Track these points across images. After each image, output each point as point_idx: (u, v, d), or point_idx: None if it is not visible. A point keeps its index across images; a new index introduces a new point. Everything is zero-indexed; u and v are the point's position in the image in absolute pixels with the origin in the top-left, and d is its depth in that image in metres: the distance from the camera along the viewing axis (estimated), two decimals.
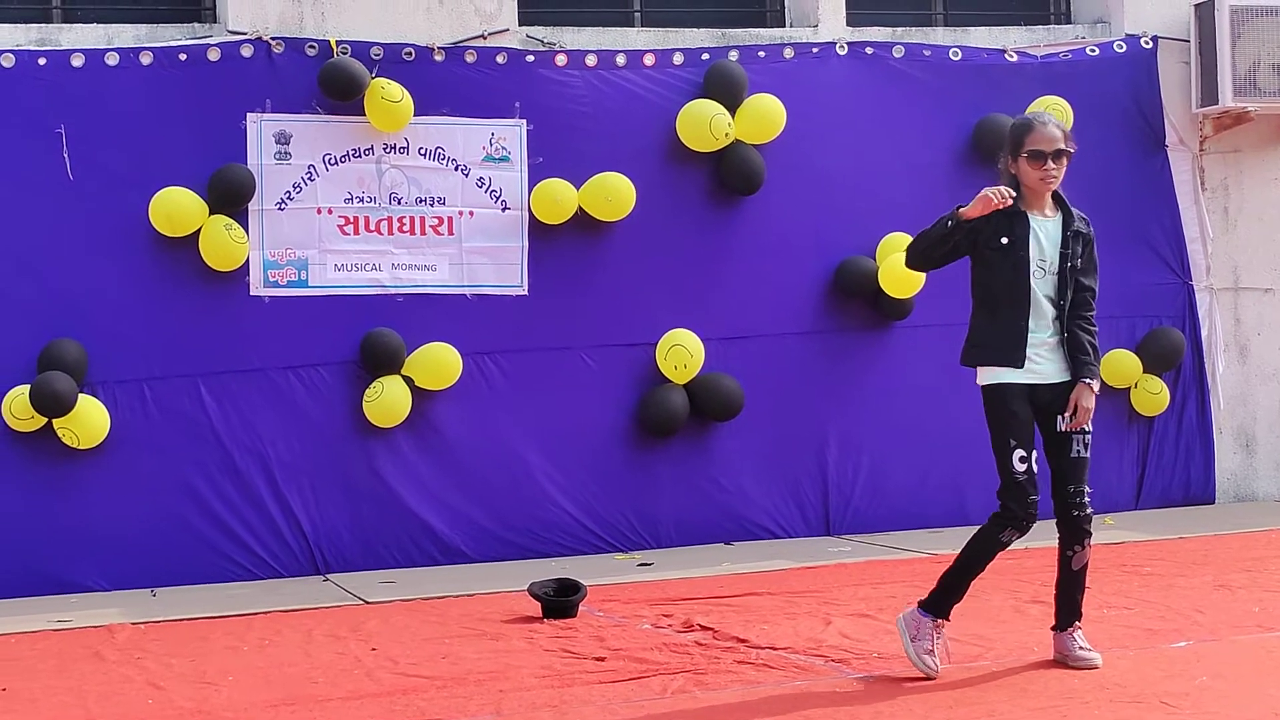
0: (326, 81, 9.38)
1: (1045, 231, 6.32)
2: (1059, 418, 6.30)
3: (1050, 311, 6.29)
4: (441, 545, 9.69)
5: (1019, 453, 6.20)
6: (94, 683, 6.79)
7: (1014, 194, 6.24)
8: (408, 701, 6.24)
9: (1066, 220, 6.38)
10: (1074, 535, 6.34)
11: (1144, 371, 10.83)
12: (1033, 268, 6.27)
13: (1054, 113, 10.36)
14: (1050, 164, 6.28)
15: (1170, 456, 11.01)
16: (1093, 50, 10.95)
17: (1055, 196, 6.41)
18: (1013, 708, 5.77)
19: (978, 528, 6.37)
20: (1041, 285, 6.29)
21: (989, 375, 6.30)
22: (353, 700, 6.29)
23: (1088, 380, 6.25)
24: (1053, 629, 6.44)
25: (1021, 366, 6.26)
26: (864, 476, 10.38)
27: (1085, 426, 6.32)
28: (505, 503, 9.81)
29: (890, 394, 10.34)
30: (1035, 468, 6.25)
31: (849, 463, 10.39)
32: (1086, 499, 6.33)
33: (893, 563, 9.24)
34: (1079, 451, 6.33)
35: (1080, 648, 6.33)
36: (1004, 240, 6.26)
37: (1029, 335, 6.26)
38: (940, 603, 6.34)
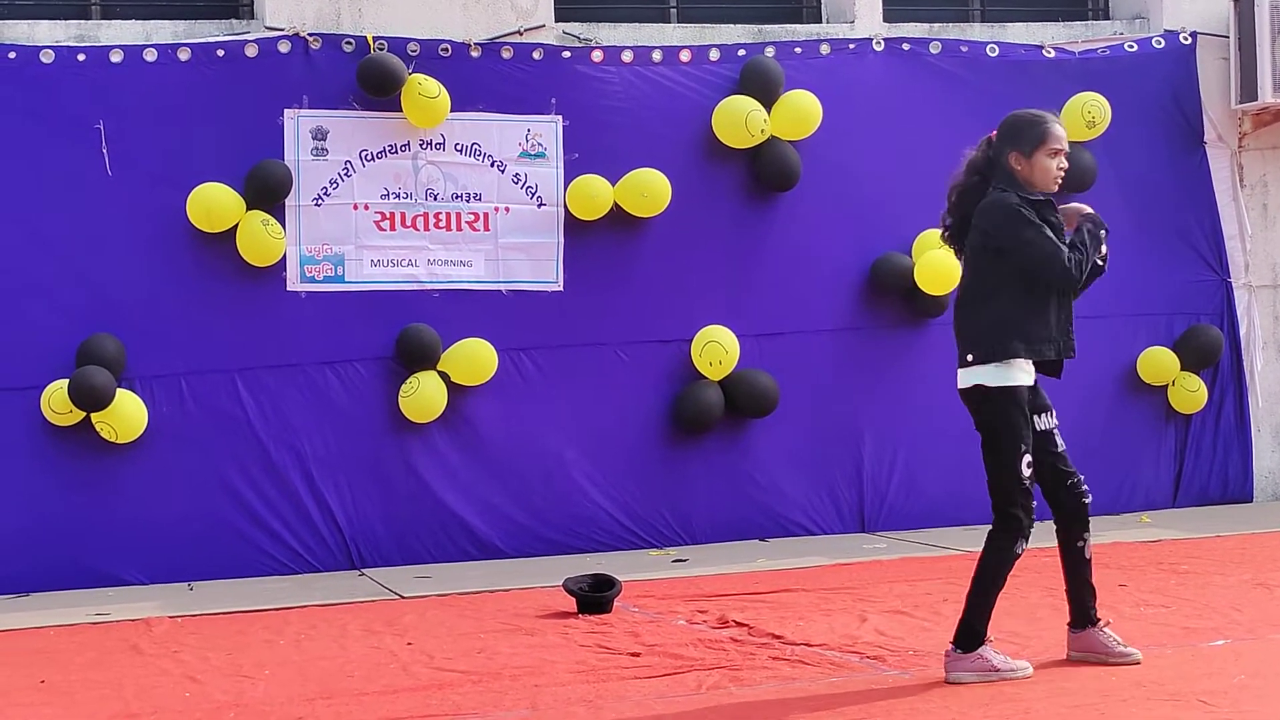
0: (365, 76, 9.40)
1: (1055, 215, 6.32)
2: (1037, 417, 6.23)
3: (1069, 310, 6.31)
4: (477, 540, 9.71)
5: (1027, 458, 6.14)
6: (131, 676, 6.83)
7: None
8: (443, 696, 6.25)
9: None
10: (1082, 524, 6.30)
11: (1182, 369, 10.77)
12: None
13: (1093, 109, 10.43)
14: (1064, 160, 6.28)
15: (1208, 454, 10.96)
16: (1131, 46, 10.90)
17: None
18: (1049, 705, 5.75)
19: (982, 551, 6.22)
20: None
21: (1003, 377, 6.14)
22: (388, 695, 6.30)
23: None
24: (1073, 626, 6.36)
25: (1072, 353, 6.21)
26: (899, 473, 10.36)
27: (1054, 417, 6.29)
28: (540, 498, 9.82)
29: (926, 391, 10.30)
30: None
31: (884, 459, 10.37)
32: (1085, 485, 6.32)
33: (928, 560, 9.22)
34: (1061, 444, 6.31)
35: (1118, 643, 6.30)
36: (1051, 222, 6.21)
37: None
38: (975, 635, 6.16)
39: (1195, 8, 11.03)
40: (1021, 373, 6.17)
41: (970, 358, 6.22)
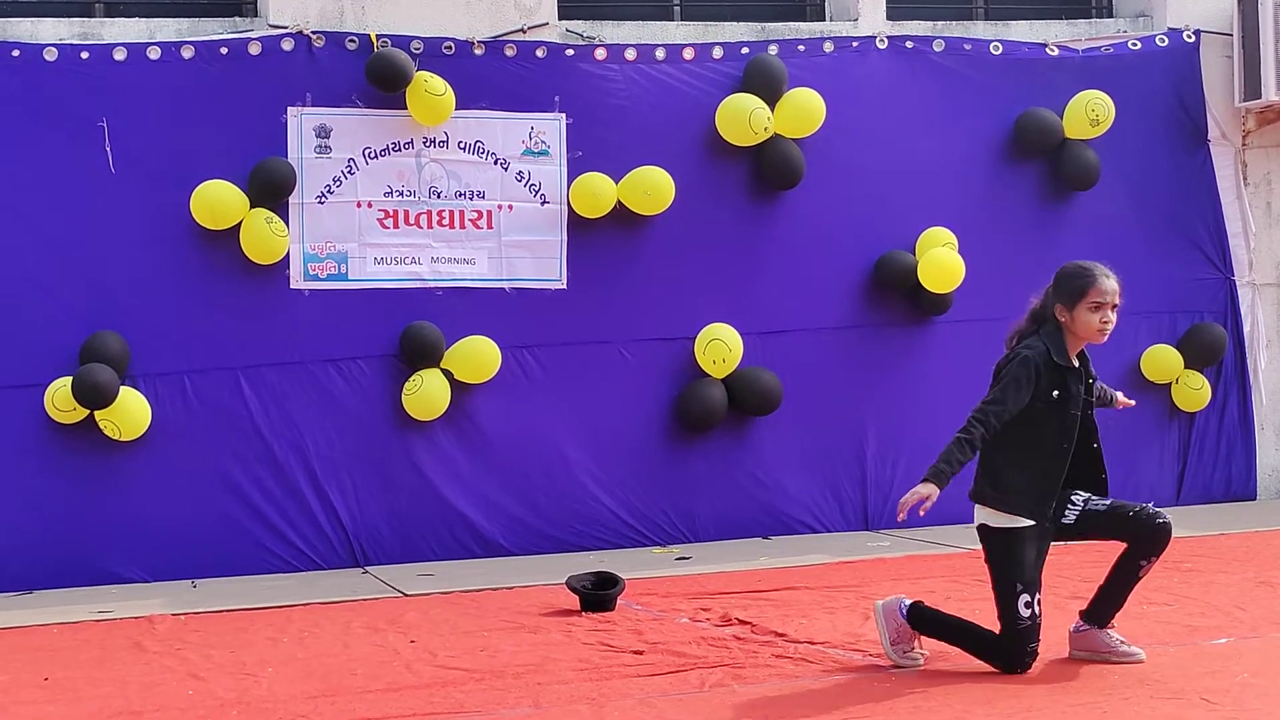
0: (374, 72, 9.39)
1: (1081, 378, 6.27)
2: (1062, 516, 6.20)
3: (1087, 473, 6.30)
4: (480, 538, 9.72)
5: (1024, 598, 6.10)
6: (135, 673, 6.83)
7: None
8: (446, 694, 6.25)
9: (1085, 366, 6.32)
10: (1156, 547, 6.16)
11: (1185, 367, 10.78)
12: (1074, 420, 6.21)
13: (1096, 107, 10.43)
14: (1110, 314, 6.21)
15: (1211, 452, 10.96)
16: (1135, 44, 10.90)
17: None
18: (1052, 703, 5.75)
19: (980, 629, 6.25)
20: (1082, 444, 6.26)
21: (1003, 520, 6.17)
22: (391, 692, 6.30)
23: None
24: (1085, 619, 6.36)
25: (1045, 520, 6.17)
26: (902, 471, 10.35)
27: (1090, 498, 6.24)
28: (543, 496, 9.83)
29: (929, 388, 10.30)
30: (1039, 611, 6.13)
31: (888, 457, 10.37)
32: (1156, 509, 6.21)
33: (931, 558, 9.22)
34: (1104, 502, 6.25)
35: (1122, 642, 6.30)
36: (1055, 394, 6.16)
37: (1065, 509, 6.22)
38: (923, 627, 6.34)
39: (1199, 6, 11.03)
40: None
41: (972, 492, 6.30)
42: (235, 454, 9.41)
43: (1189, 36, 10.94)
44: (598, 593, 7.95)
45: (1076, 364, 6.26)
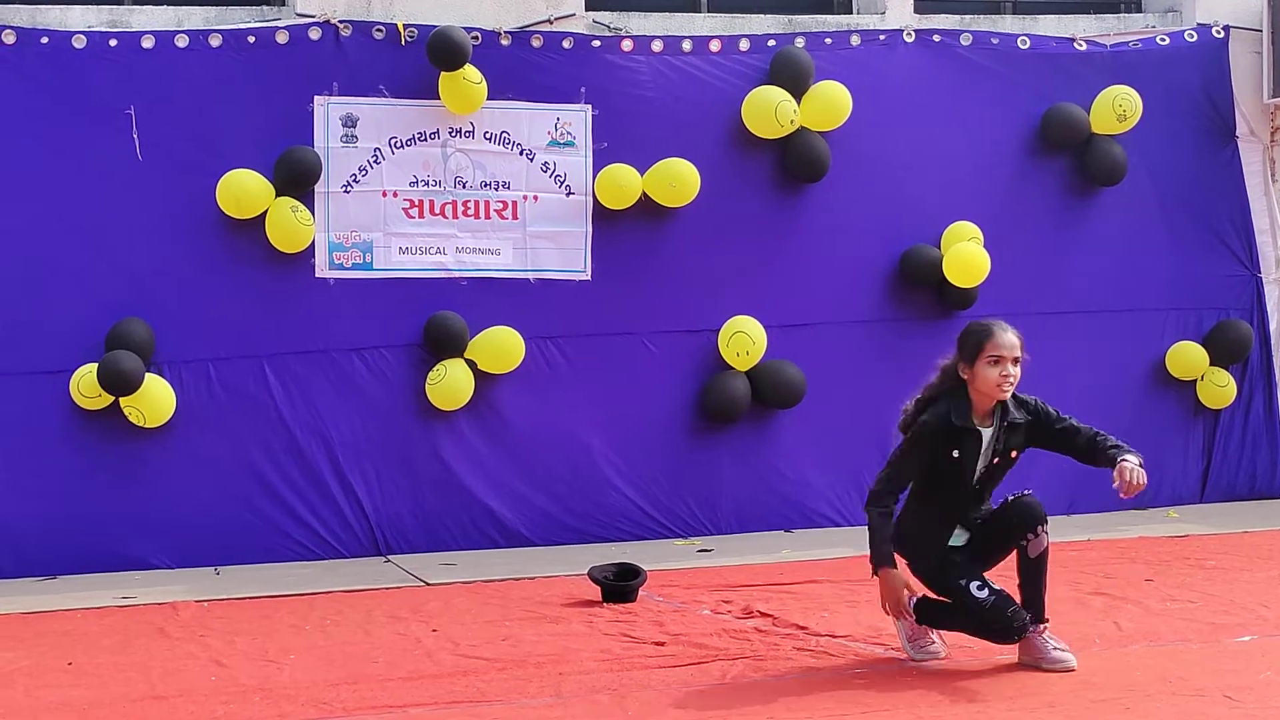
0: (436, 48, 9.34)
1: (985, 440, 6.32)
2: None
3: (972, 515, 6.39)
4: (502, 528, 9.72)
5: (975, 583, 6.23)
6: (158, 659, 6.86)
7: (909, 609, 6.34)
8: (468, 683, 6.27)
9: (1002, 419, 6.32)
10: (1023, 522, 6.29)
11: (1211, 364, 10.74)
12: (975, 479, 6.32)
13: (1123, 103, 10.39)
14: (1010, 368, 6.23)
15: (1236, 450, 10.92)
16: (1163, 39, 10.85)
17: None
18: (1074, 699, 5.74)
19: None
20: (974, 494, 6.35)
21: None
22: (413, 680, 6.32)
23: (1127, 459, 6.12)
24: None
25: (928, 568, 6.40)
26: None
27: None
28: (566, 487, 9.83)
29: None
30: (995, 585, 6.25)
31: None
32: (1026, 492, 6.35)
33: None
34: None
35: (1055, 648, 6.27)
36: (954, 453, 6.27)
37: (949, 543, 6.37)
38: (929, 620, 6.46)
39: (1228, 2, 10.98)
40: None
41: None
42: (259, 442, 9.43)
43: (1218, 32, 10.90)
44: (620, 584, 7.96)
45: (982, 425, 6.29)
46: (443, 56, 9.35)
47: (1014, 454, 6.39)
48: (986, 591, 6.21)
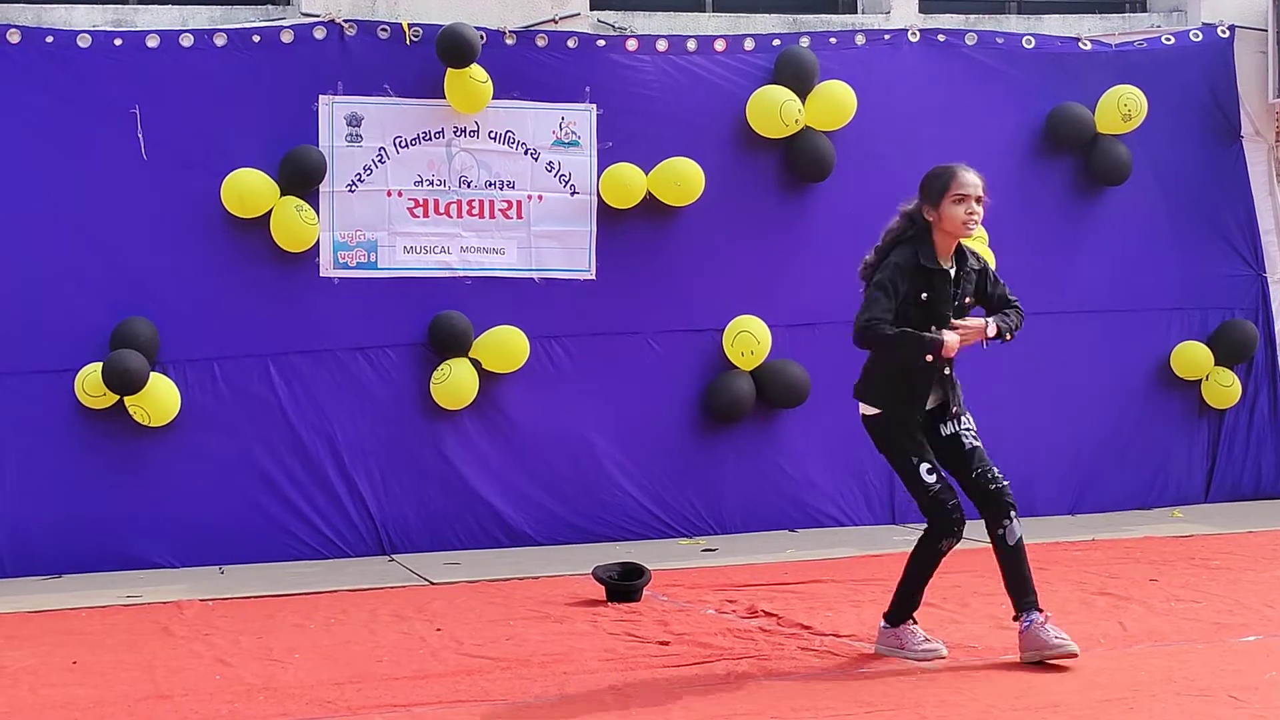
0: (445, 46, 9.34)
1: (951, 280, 6.39)
2: (942, 425, 6.44)
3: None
4: (506, 528, 9.72)
5: (925, 465, 6.32)
6: (163, 657, 6.86)
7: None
8: (472, 682, 6.27)
9: (960, 264, 6.42)
10: (997, 510, 6.35)
11: (1215, 364, 10.73)
12: (945, 318, 6.36)
13: (1129, 102, 10.38)
14: (975, 206, 6.31)
15: (1241, 450, 10.91)
16: (1168, 39, 10.85)
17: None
18: (1080, 699, 5.74)
19: (921, 538, 6.48)
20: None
21: (875, 408, 6.50)
22: (417, 680, 6.32)
23: (993, 320, 6.36)
24: (1017, 620, 6.34)
25: (919, 411, 6.41)
26: None
27: (966, 421, 6.44)
28: (570, 486, 9.83)
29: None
30: (943, 473, 6.36)
31: None
32: (997, 473, 6.39)
33: (956, 552, 9.07)
34: (970, 443, 6.44)
35: (1055, 636, 6.24)
36: (924, 295, 6.32)
37: (931, 382, 6.41)
38: (902, 611, 6.52)
39: (1234, 1, 10.97)
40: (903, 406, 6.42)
41: (854, 390, 6.60)
42: (264, 441, 9.43)
43: (1223, 32, 10.89)
44: (624, 583, 7.96)
45: (948, 266, 6.36)
46: (452, 53, 9.35)
47: (968, 300, 6.45)
48: (935, 478, 6.31)
